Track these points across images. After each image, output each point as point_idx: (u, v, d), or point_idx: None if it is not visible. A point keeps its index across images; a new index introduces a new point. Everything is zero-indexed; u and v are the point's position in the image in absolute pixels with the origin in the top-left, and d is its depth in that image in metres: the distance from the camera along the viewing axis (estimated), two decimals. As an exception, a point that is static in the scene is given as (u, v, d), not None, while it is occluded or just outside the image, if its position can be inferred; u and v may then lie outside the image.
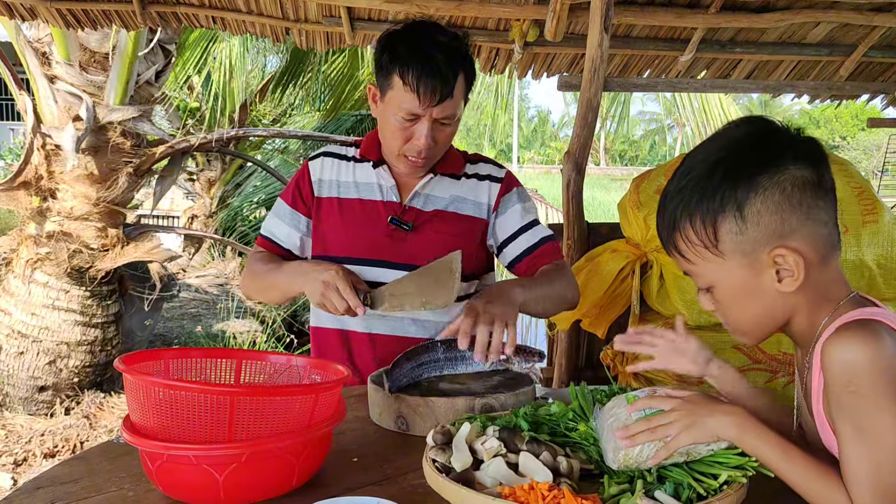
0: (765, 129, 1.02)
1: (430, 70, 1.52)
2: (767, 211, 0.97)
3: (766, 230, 0.97)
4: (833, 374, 0.92)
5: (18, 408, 4.63)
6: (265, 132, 7.26)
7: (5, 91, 13.60)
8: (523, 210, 1.78)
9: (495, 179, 1.79)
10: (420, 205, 1.74)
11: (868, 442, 0.89)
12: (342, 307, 1.50)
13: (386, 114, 1.62)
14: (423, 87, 1.53)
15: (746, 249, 0.99)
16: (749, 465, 1.00)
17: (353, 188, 1.77)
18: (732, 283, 1.02)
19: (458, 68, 1.57)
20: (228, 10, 3.11)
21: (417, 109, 1.56)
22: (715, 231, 1.00)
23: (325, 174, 1.79)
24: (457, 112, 1.62)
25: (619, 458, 1.05)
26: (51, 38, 4.49)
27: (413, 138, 1.61)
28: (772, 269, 0.98)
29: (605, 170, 37.28)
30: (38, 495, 1.10)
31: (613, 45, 2.93)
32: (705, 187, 1.00)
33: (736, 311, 1.05)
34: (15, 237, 4.78)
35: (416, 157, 1.63)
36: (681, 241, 1.04)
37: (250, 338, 6.09)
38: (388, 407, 1.37)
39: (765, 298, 1.01)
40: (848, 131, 35.83)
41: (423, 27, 1.62)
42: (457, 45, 1.60)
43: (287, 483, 1.08)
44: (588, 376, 2.99)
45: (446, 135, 1.64)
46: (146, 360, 1.18)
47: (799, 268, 0.97)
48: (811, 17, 3.02)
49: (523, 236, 1.76)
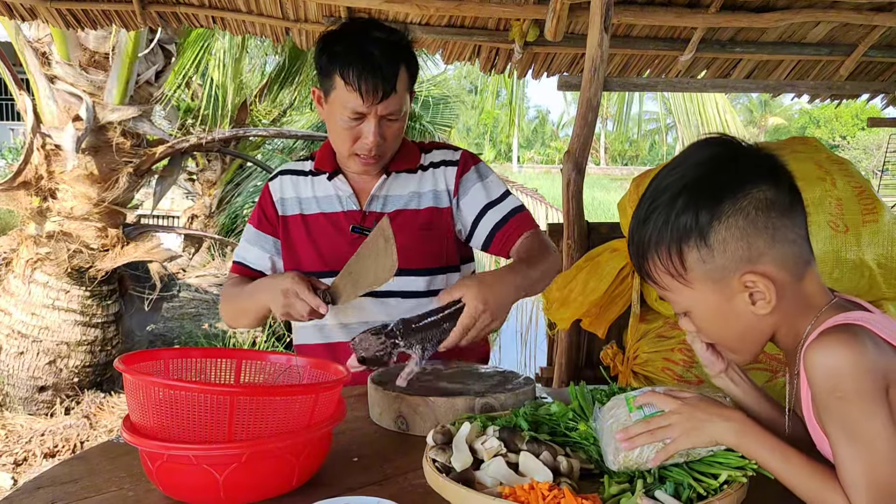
0: (725, 152, 1.01)
1: (370, 68, 1.52)
2: (732, 238, 0.96)
3: (734, 256, 0.97)
4: (817, 380, 0.92)
5: (18, 408, 4.63)
6: (265, 132, 7.26)
7: (5, 91, 13.60)
8: (484, 187, 1.74)
9: (450, 163, 1.76)
10: (379, 207, 1.73)
11: (860, 446, 0.89)
12: (306, 311, 1.49)
13: (332, 115, 1.62)
14: (364, 86, 1.52)
15: (715, 277, 0.99)
16: (749, 466, 1.00)
17: (314, 203, 1.77)
18: (706, 307, 1.02)
19: (399, 63, 1.56)
20: (228, 10, 3.11)
21: (362, 108, 1.56)
22: (682, 260, 0.99)
23: (285, 192, 1.79)
24: (402, 107, 1.61)
25: (618, 460, 1.05)
26: (50, 38, 4.50)
27: (361, 137, 1.60)
28: (744, 293, 0.98)
29: (605, 169, 37.28)
30: (38, 495, 1.10)
31: (613, 45, 2.93)
32: (668, 217, 0.99)
33: (715, 333, 1.06)
34: (15, 237, 4.78)
35: (366, 154, 1.63)
36: (651, 270, 1.04)
37: (250, 338, 6.09)
38: (388, 407, 1.37)
39: (741, 321, 1.01)
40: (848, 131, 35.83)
41: (360, 25, 1.62)
42: (395, 40, 1.58)
43: (287, 483, 1.08)
44: (588, 376, 2.99)
45: (394, 130, 1.63)
46: (146, 360, 1.18)
47: (770, 291, 0.97)
48: (811, 16, 3.02)
49: (489, 213, 1.71)
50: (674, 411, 1.04)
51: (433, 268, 1.73)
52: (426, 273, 1.72)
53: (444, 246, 1.74)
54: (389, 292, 1.70)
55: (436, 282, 1.73)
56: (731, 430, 1.00)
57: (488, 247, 1.73)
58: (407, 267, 1.67)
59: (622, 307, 2.63)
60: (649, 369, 2.53)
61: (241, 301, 1.70)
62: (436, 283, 1.73)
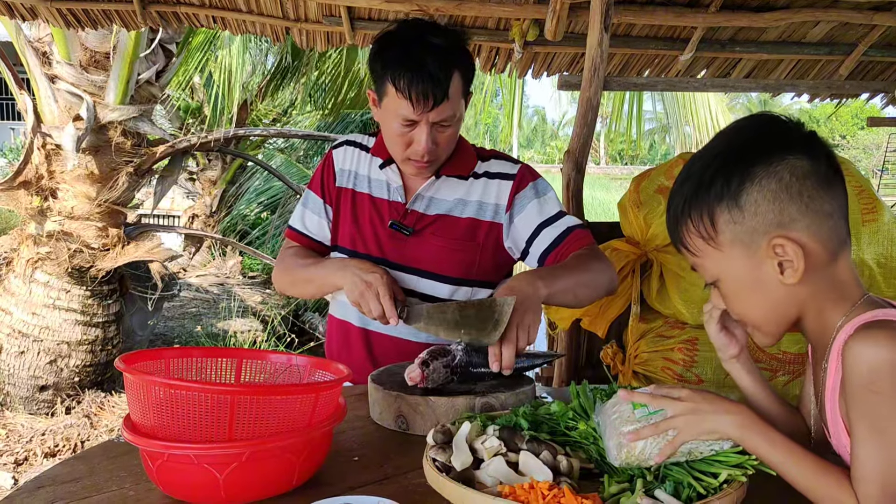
0: (765, 122, 1.02)
1: (421, 75, 1.49)
2: (764, 200, 0.97)
3: (764, 220, 0.97)
4: (855, 372, 0.91)
5: (19, 407, 4.64)
6: (266, 132, 7.26)
7: (6, 91, 13.60)
8: (540, 204, 1.68)
9: (506, 177, 1.71)
10: (422, 208, 1.71)
11: (883, 442, 0.89)
12: (377, 312, 1.48)
13: (385, 120, 1.61)
14: (415, 94, 1.50)
15: (745, 240, 0.99)
16: (749, 464, 1.00)
17: (366, 183, 1.75)
18: (735, 275, 1.02)
19: (452, 69, 1.53)
20: (228, 10, 3.11)
21: (413, 115, 1.53)
22: (713, 222, 1.00)
23: (346, 164, 1.78)
24: (456, 112, 1.58)
25: (622, 455, 1.05)
26: (51, 37, 4.50)
27: (413, 143, 1.58)
28: (773, 259, 0.98)
29: (605, 169, 37.25)
30: (39, 494, 1.10)
31: (613, 45, 2.93)
32: (703, 179, 1.01)
33: (742, 304, 1.05)
34: (15, 237, 4.78)
35: (419, 160, 1.61)
36: (684, 235, 1.05)
37: (251, 337, 6.09)
38: (389, 406, 1.37)
39: (769, 291, 1.01)
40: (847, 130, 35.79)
41: (415, 28, 1.58)
42: (449, 45, 1.55)
43: (288, 482, 1.08)
44: (588, 375, 2.99)
45: (447, 136, 1.61)
46: (147, 360, 1.18)
47: (799, 258, 0.96)
48: (811, 16, 3.02)
49: (545, 231, 1.67)
50: (677, 404, 1.04)
51: (461, 278, 1.70)
52: (452, 282, 1.70)
53: (479, 258, 1.70)
54: (411, 291, 1.70)
55: (460, 293, 1.70)
56: (733, 423, 1.00)
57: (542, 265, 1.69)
58: (434, 271, 1.69)
59: (622, 307, 2.63)
60: (649, 369, 2.53)
61: (310, 273, 1.68)
62: (459, 293, 1.70)
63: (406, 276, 1.70)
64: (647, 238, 2.52)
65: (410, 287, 1.69)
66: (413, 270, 1.70)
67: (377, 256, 1.70)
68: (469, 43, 1.65)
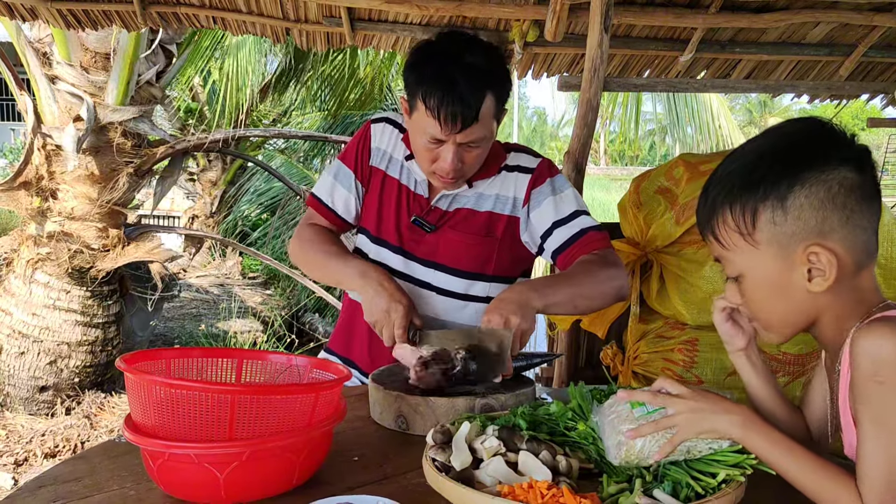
0: (819, 128, 1.02)
1: (452, 97, 1.45)
2: (810, 206, 0.97)
3: (806, 225, 0.97)
4: (860, 363, 0.91)
5: (19, 408, 4.64)
6: (266, 132, 7.26)
7: (6, 91, 13.60)
8: (555, 202, 1.65)
9: (525, 170, 1.68)
10: (445, 206, 1.68)
11: (886, 436, 0.88)
12: (389, 343, 1.49)
13: (414, 132, 1.58)
14: (444, 114, 1.46)
15: (782, 242, 0.99)
16: (747, 464, 1.01)
17: (398, 168, 1.72)
18: (763, 274, 1.02)
19: (485, 91, 1.48)
20: (228, 11, 3.11)
21: (440, 135, 1.50)
22: (754, 219, 1.00)
23: (383, 143, 1.73)
24: (485, 134, 1.54)
25: (620, 454, 1.05)
26: (52, 38, 4.50)
27: (440, 160, 1.55)
28: (804, 266, 0.98)
29: (605, 170, 37.24)
30: (40, 494, 1.10)
31: (613, 45, 2.93)
32: (751, 175, 1.00)
33: (761, 304, 1.05)
34: (16, 237, 4.78)
35: (444, 176, 1.58)
36: (718, 226, 1.04)
37: (251, 338, 6.09)
38: (389, 406, 1.38)
39: (792, 296, 1.01)
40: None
41: (453, 43, 1.53)
42: (486, 64, 1.50)
43: (288, 481, 1.08)
44: (588, 376, 2.99)
45: (474, 156, 1.57)
46: (147, 360, 1.18)
47: (831, 268, 0.96)
48: (811, 16, 3.02)
49: (558, 231, 1.64)
50: (677, 402, 1.04)
51: (476, 273, 1.68)
52: (467, 276, 1.67)
53: (497, 253, 1.67)
54: (426, 284, 1.68)
55: (475, 287, 1.68)
56: (736, 423, 1.00)
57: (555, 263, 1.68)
58: (451, 265, 1.67)
59: (622, 307, 2.63)
60: (649, 370, 2.54)
61: (328, 263, 1.66)
62: (475, 288, 1.68)
63: (422, 269, 1.69)
64: (647, 239, 2.52)
65: (427, 280, 1.68)
66: (430, 264, 1.68)
67: (395, 245, 1.68)
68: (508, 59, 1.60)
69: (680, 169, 2.49)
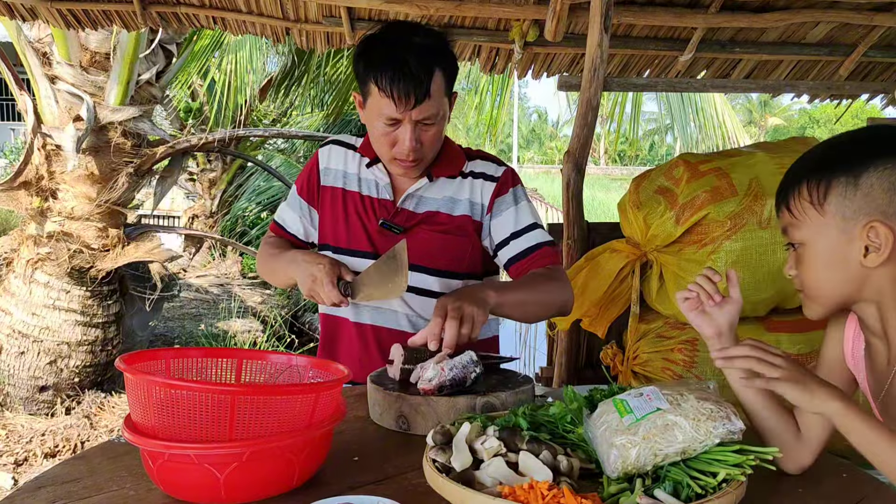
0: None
1: (402, 74, 1.51)
2: (880, 186, 1.05)
3: (873, 203, 1.06)
4: None
5: (19, 408, 4.64)
6: (266, 132, 7.26)
7: (6, 91, 13.61)
8: (516, 213, 1.73)
9: (490, 178, 1.75)
10: (412, 207, 1.73)
11: None
12: (329, 301, 1.56)
13: (370, 120, 1.63)
14: (397, 92, 1.52)
15: (847, 215, 1.07)
16: (747, 464, 1.01)
17: (356, 181, 1.78)
18: (823, 244, 1.10)
19: (433, 67, 1.55)
20: (228, 10, 3.11)
21: (396, 114, 1.56)
22: (827, 190, 1.09)
23: (332, 163, 1.81)
24: (439, 111, 1.60)
25: (617, 467, 1.05)
26: (51, 38, 4.49)
27: (398, 142, 1.60)
28: (862, 241, 1.07)
29: (605, 170, 37.26)
30: (39, 494, 1.10)
31: (613, 45, 2.93)
32: (830, 152, 1.12)
33: (815, 273, 1.13)
34: (15, 237, 4.78)
35: (405, 159, 1.63)
36: (794, 197, 1.13)
37: (251, 338, 6.09)
38: (389, 406, 1.38)
39: (847, 268, 1.09)
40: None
41: (398, 30, 1.61)
42: (431, 44, 1.58)
43: (288, 482, 1.08)
44: (588, 376, 2.99)
45: (431, 135, 1.63)
46: (147, 360, 1.18)
47: (888, 243, 1.04)
48: (811, 16, 3.02)
49: (514, 242, 1.71)
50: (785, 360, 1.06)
51: (453, 271, 1.74)
52: (445, 275, 1.73)
53: (471, 253, 1.75)
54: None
55: (452, 285, 1.73)
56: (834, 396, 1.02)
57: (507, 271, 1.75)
58: (428, 265, 1.71)
59: (622, 307, 2.63)
60: (649, 369, 2.54)
61: (276, 263, 1.77)
62: (452, 286, 1.73)
63: None
64: (646, 238, 2.52)
65: None
66: None
67: (369, 252, 1.72)
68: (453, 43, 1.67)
69: (680, 169, 2.49)
